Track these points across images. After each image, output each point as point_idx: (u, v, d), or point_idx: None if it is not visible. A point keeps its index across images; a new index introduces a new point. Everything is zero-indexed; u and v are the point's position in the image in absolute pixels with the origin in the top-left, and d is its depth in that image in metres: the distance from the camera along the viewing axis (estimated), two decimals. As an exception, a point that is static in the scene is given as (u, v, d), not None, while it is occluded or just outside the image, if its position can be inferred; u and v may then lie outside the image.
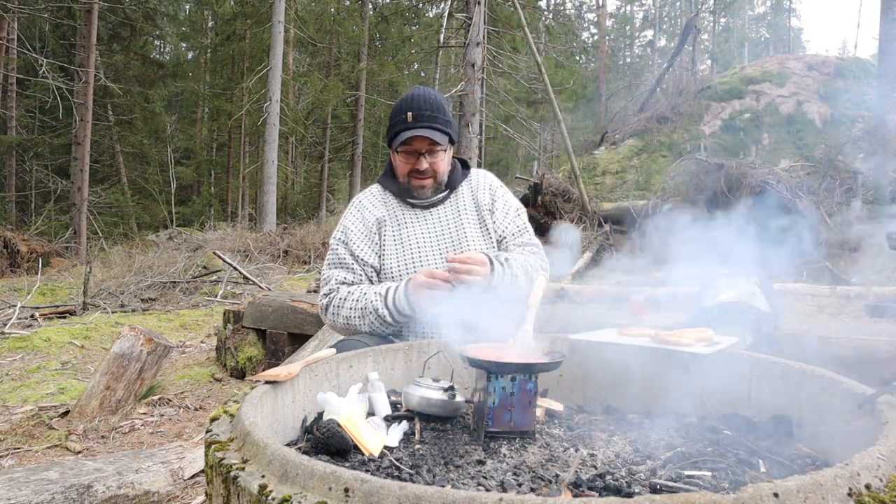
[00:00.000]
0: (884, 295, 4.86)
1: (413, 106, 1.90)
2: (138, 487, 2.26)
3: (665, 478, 1.01)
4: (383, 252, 1.99)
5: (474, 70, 10.89)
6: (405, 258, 1.96)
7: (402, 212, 2.03)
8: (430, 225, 2.02)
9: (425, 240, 1.99)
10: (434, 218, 2.03)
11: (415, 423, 1.33)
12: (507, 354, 1.36)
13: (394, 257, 1.97)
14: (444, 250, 1.98)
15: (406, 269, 1.95)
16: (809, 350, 2.40)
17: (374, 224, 2.00)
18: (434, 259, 1.97)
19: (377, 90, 21.73)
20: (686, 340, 1.44)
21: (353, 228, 2.01)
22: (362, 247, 1.98)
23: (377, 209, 2.03)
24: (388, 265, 1.97)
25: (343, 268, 1.98)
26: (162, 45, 27.69)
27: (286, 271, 10.32)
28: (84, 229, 14.28)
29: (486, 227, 2.04)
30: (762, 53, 35.66)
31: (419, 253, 1.97)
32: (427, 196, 2.02)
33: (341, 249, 2.00)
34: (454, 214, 2.04)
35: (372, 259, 1.98)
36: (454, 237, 2.00)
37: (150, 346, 3.56)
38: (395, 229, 2.00)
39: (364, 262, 1.97)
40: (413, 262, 1.96)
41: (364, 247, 1.98)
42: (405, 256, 1.97)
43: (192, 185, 25.56)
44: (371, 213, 2.02)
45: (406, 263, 1.96)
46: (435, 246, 1.99)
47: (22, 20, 16.28)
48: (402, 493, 0.75)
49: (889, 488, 0.80)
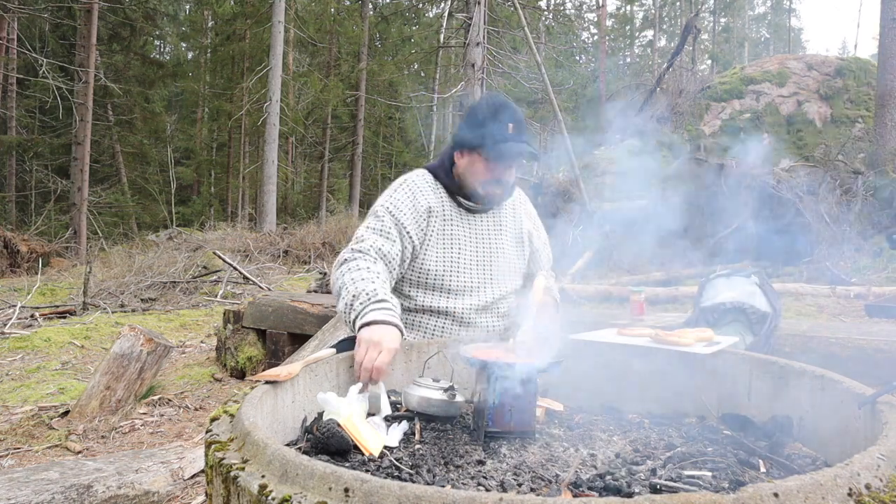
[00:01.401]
0: (884, 295, 4.87)
1: (514, 118, 1.88)
2: (138, 487, 2.26)
3: (665, 478, 1.01)
4: (427, 240, 1.95)
5: (474, 70, 10.89)
6: (445, 255, 1.95)
7: (450, 208, 2.01)
8: (472, 229, 2.02)
9: (467, 242, 1.99)
10: (476, 224, 2.03)
11: (415, 423, 1.33)
12: (507, 354, 1.36)
13: (434, 249, 1.95)
14: (480, 257, 1.99)
15: (444, 265, 1.94)
16: (809, 350, 2.41)
17: (425, 209, 1.95)
18: (470, 263, 1.98)
19: (377, 90, 21.75)
20: (686, 340, 1.44)
21: (404, 203, 1.95)
22: (410, 221, 1.92)
23: (430, 196, 1.98)
24: (428, 256, 1.94)
25: (383, 235, 1.89)
26: (162, 45, 27.70)
27: (286, 271, 10.33)
28: (84, 229, 14.28)
29: (522, 249, 2.10)
30: (762, 53, 35.65)
31: (459, 253, 1.97)
32: (496, 203, 2.03)
33: (388, 219, 1.91)
34: (495, 226, 2.06)
35: (416, 237, 1.92)
36: (491, 248, 2.02)
37: (150, 346, 3.56)
38: (441, 223, 1.98)
39: (408, 235, 1.90)
40: (452, 260, 1.96)
41: (412, 222, 1.93)
42: (446, 253, 1.95)
43: (192, 185, 25.57)
44: (424, 198, 1.97)
45: (445, 260, 1.95)
46: (473, 251, 1.99)
47: (22, 20, 16.28)
48: (402, 493, 0.75)
49: (889, 488, 0.80)
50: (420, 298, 1.95)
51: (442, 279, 1.94)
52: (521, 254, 2.09)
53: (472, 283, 1.96)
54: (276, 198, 15.44)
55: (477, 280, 1.97)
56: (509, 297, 2.02)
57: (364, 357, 1.44)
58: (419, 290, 1.95)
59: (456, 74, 14.63)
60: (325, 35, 21.84)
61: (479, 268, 1.98)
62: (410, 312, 1.97)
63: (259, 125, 17.06)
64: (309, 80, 20.24)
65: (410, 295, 1.96)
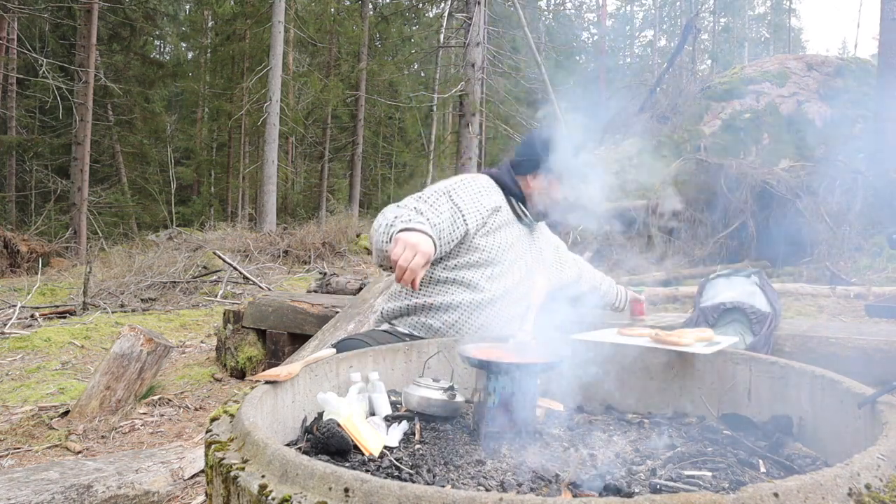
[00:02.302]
0: (884, 295, 4.86)
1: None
2: (138, 487, 2.26)
3: (665, 478, 1.01)
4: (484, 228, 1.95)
5: (474, 70, 10.90)
6: (498, 249, 1.98)
7: (509, 214, 2.08)
8: (522, 237, 2.10)
9: (518, 247, 2.06)
10: (526, 234, 2.13)
11: (415, 423, 1.33)
12: (507, 354, 1.36)
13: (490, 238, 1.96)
14: (527, 263, 2.08)
15: (493, 257, 1.96)
16: (809, 350, 2.40)
17: (490, 206, 1.97)
18: (517, 267, 2.03)
19: (377, 90, 21.75)
20: (686, 340, 1.44)
21: (467, 193, 1.94)
22: (470, 208, 1.91)
23: (496, 197, 2.03)
24: (483, 244, 1.95)
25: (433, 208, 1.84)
26: (162, 45, 27.68)
27: (286, 271, 10.33)
28: (84, 229, 14.28)
29: (558, 259, 2.31)
30: (762, 53, 35.64)
31: (510, 253, 2.01)
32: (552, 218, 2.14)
33: (443, 200, 1.87)
34: (539, 241, 2.19)
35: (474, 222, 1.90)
36: (537, 258, 2.14)
37: (150, 346, 3.56)
38: (505, 221, 2.04)
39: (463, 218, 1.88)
40: (503, 257, 1.99)
41: (472, 209, 1.91)
42: (498, 248, 1.98)
43: (192, 185, 25.56)
44: (491, 197, 2.00)
45: (497, 254, 1.98)
46: (521, 257, 2.07)
47: (22, 20, 16.28)
48: (402, 493, 0.75)
49: (889, 488, 0.80)
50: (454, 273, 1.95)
51: (490, 261, 1.95)
52: (557, 265, 2.28)
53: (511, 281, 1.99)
54: (276, 198, 15.44)
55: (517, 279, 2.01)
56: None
57: (401, 255, 1.50)
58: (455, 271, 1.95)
59: (456, 74, 14.65)
60: (325, 35, 21.83)
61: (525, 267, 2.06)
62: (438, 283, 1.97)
63: (259, 125, 17.05)
64: (309, 80, 20.23)
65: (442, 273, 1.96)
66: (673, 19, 35.98)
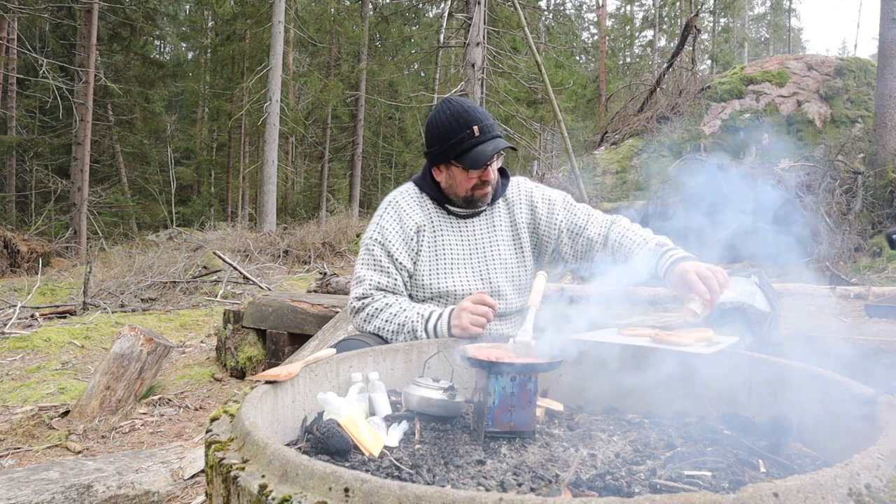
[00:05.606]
0: (884, 295, 4.86)
1: (476, 119, 1.85)
2: (138, 487, 2.26)
3: (665, 478, 1.01)
4: (417, 258, 1.96)
5: (474, 70, 10.90)
6: (438, 267, 1.96)
7: (439, 218, 2.00)
8: (465, 236, 2.01)
9: (460, 250, 1.99)
10: (469, 229, 2.01)
11: (415, 423, 1.33)
12: (506, 354, 1.36)
13: (426, 264, 1.96)
14: (475, 264, 1.98)
15: (437, 278, 1.95)
16: (809, 350, 2.40)
17: (413, 229, 1.95)
18: (465, 271, 1.97)
19: (377, 90, 21.76)
20: (686, 340, 1.44)
21: (391, 230, 1.96)
22: (400, 250, 1.94)
23: (416, 214, 1.98)
24: (420, 271, 1.96)
25: (379, 270, 1.93)
26: (162, 45, 27.70)
27: (286, 271, 10.33)
28: (84, 229, 14.29)
29: (520, 245, 2.05)
30: (762, 53, 35.65)
31: (452, 263, 1.97)
32: (487, 202, 1.99)
33: (378, 250, 1.94)
34: (489, 229, 2.03)
35: (409, 263, 1.95)
36: (486, 252, 2.01)
37: (150, 346, 3.56)
38: (432, 236, 1.98)
39: (401, 265, 1.94)
40: (445, 271, 1.96)
41: (402, 250, 1.94)
42: (438, 265, 1.96)
43: (192, 185, 25.57)
44: (411, 219, 1.97)
45: (438, 272, 1.96)
46: (468, 258, 1.99)
47: (22, 20, 16.28)
48: (402, 493, 0.75)
49: (889, 488, 0.80)
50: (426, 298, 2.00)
51: (437, 289, 1.95)
52: (519, 251, 2.05)
53: (467, 288, 1.96)
54: (276, 198, 15.44)
55: (471, 284, 1.97)
56: (509, 296, 2.02)
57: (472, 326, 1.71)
58: (423, 302, 1.98)
59: (456, 74, 14.64)
60: (325, 35, 21.84)
61: (472, 272, 1.99)
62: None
63: (259, 125, 17.06)
64: (309, 80, 20.24)
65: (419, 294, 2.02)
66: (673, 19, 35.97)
